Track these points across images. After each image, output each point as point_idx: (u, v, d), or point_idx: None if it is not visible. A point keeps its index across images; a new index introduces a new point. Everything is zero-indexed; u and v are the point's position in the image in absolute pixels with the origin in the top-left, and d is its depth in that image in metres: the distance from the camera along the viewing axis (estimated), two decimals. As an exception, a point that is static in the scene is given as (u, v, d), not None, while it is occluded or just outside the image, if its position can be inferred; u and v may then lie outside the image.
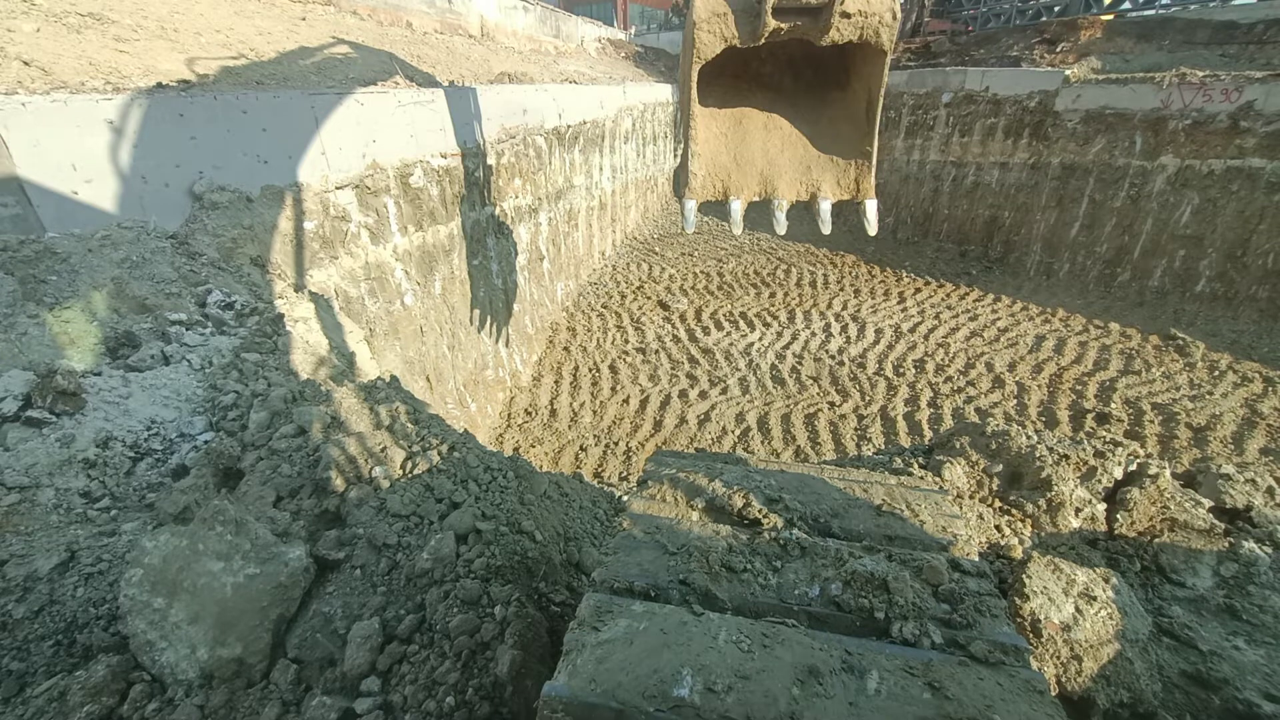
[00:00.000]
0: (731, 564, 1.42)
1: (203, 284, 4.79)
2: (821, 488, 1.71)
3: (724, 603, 1.33)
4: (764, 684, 1.13)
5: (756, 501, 1.59)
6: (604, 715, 1.09)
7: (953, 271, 15.90)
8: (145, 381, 3.74)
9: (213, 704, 2.18)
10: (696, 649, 1.20)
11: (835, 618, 1.31)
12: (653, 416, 10.64)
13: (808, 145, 3.92)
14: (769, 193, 3.95)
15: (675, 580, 1.37)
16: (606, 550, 1.47)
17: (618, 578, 1.39)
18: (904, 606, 1.31)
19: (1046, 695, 1.13)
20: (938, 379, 10.97)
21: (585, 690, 1.12)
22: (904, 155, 18.15)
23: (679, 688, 1.12)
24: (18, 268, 3.82)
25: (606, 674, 1.15)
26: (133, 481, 3.27)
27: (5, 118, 4.04)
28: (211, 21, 9.32)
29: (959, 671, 1.18)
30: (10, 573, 2.55)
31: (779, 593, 1.36)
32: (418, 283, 8.73)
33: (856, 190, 3.88)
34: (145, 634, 2.28)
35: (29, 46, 5.84)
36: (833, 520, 1.56)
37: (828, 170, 3.90)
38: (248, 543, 2.35)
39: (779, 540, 1.49)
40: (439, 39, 15.78)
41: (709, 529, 1.53)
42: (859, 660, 1.19)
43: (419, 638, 2.25)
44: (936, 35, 21.12)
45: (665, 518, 1.58)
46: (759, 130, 3.90)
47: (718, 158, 3.88)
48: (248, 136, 5.92)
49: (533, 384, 11.85)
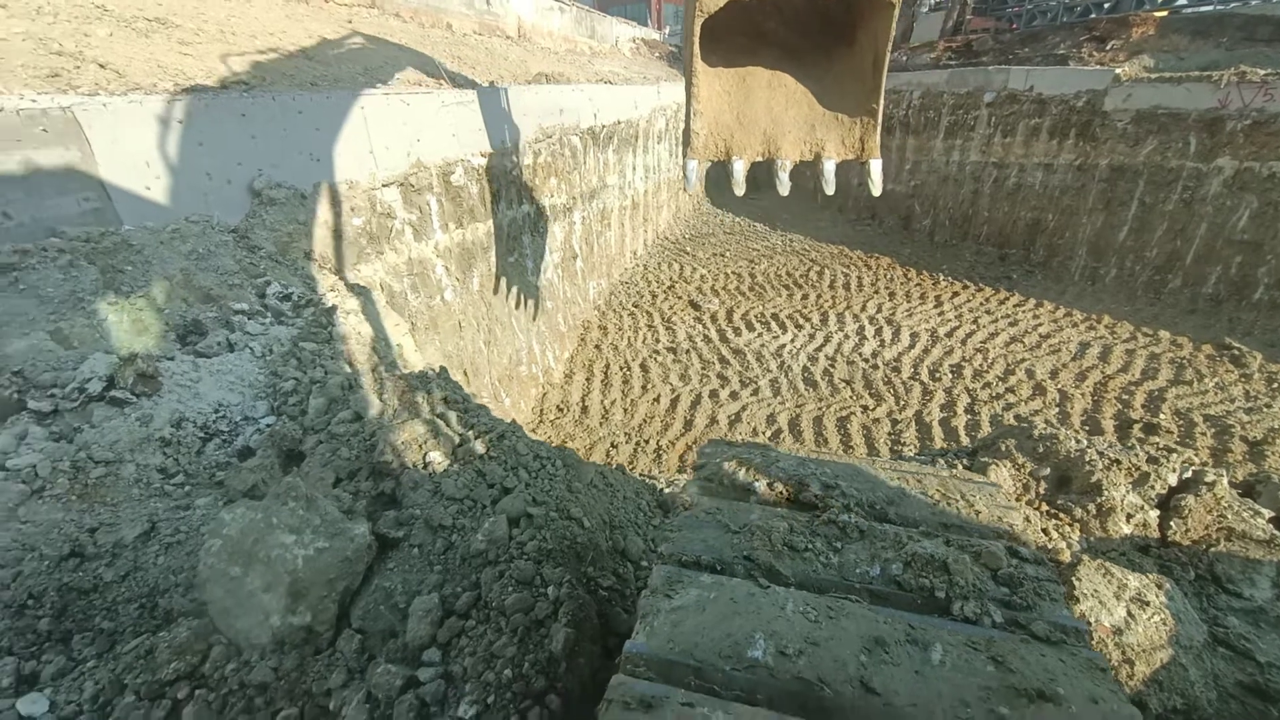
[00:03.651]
0: (793, 543, 1.47)
1: (262, 276, 5.02)
2: (875, 477, 1.75)
3: (787, 578, 1.38)
4: (833, 650, 1.18)
5: (814, 486, 1.64)
6: (682, 671, 1.15)
7: (992, 275, 15.53)
8: (212, 367, 3.95)
9: (285, 667, 2.32)
10: (766, 617, 1.26)
11: (896, 596, 1.35)
12: (683, 416, 10.67)
13: (813, 104, 3.81)
14: (772, 152, 3.86)
15: (740, 556, 1.43)
16: (671, 527, 1.53)
17: (684, 552, 1.45)
18: (964, 587, 1.34)
19: (1109, 674, 1.16)
20: (975, 385, 10.75)
21: (664, 649, 1.19)
22: (943, 156, 17.79)
23: (753, 650, 1.18)
24: (99, 258, 4.08)
25: (682, 635, 1.22)
26: (203, 460, 3.47)
27: (89, 118, 4.31)
28: (265, 25, 9.69)
29: (1021, 648, 1.21)
30: (101, 539, 2.74)
31: (840, 571, 1.40)
32: (457, 279, 8.94)
33: (861, 149, 3.78)
34: (223, 600, 2.43)
35: (104, 50, 6.18)
36: (888, 507, 1.60)
37: (832, 129, 3.81)
38: (318, 518, 2.49)
39: (838, 523, 1.53)
40: (478, 40, 16.08)
41: (768, 511, 1.58)
42: (922, 634, 1.23)
43: (475, 614, 2.35)
44: (979, 33, 20.64)
45: (724, 500, 1.64)
46: (763, 89, 3.80)
47: (721, 117, 3.78)
48: (303, 135, 6.17)
49: (565, 381, 12.00)
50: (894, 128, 19.09)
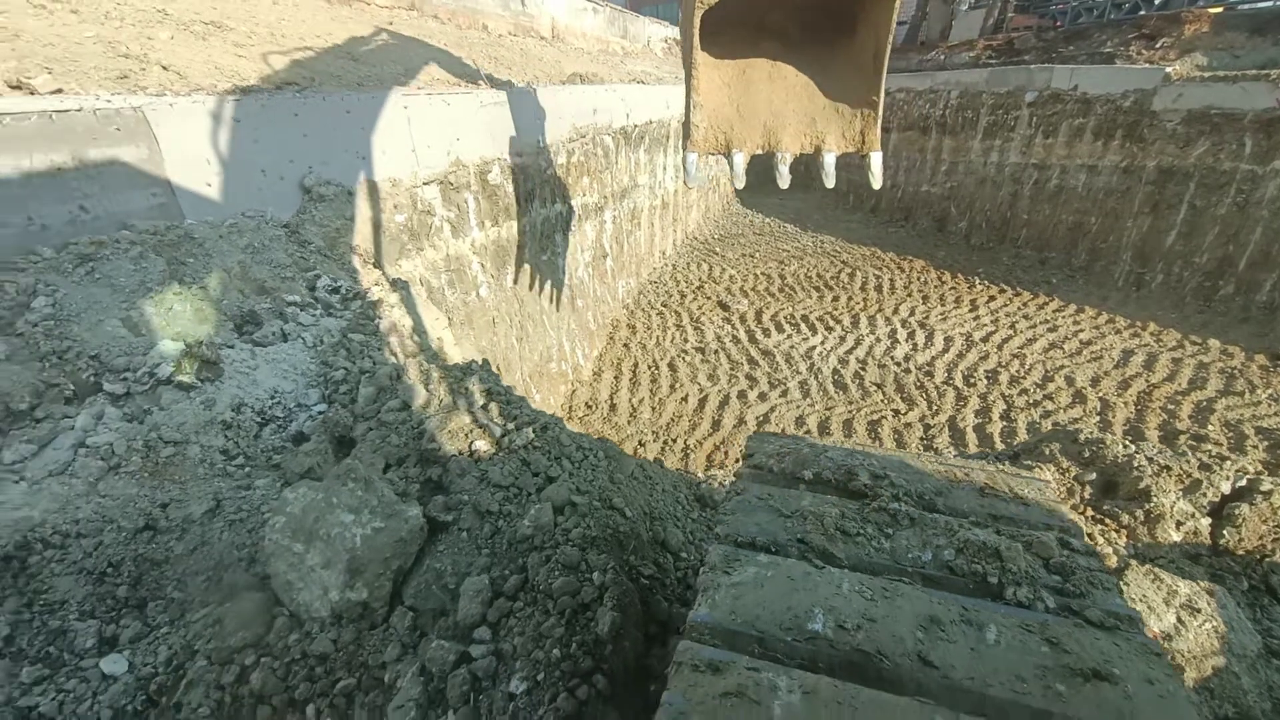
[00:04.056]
0: (845, 528, 1.51)
1: (312, 270, 5.21)
2: (922, 469, 1.77)
3: (841, 560, 1.42)
4: (889, 627, 1.22)
5: (863, 476, 1.67)
6: (745, 641, 1.21)
7: (1031, 280, 15.15)
8: (268, 355, 4.14)
9: (343, 640, 2.43)
10: (824, 594, 1.30)
11: (949, 580, 1.38)
12: (711, 416, 10.69)
13: (813, 96, 3.77)
14: (772, 145, 3.81)
15: (794, 539, 1.47)
16: (725, 510, 1.59)
17: (739, 533, 1.50)
18: (1017, 573, 1.36)
19: (1164, 659, 1.17)
20: (1011, 391, 10.52)
21: (727, 619, 1.25)
22: (981, 157, 17.41)
23: (813, 623, 1.23)
24: (165, 250, 4.30)
25: (744, 608, 1.27)
26: (260, 444, 3.63)
27: (158, 117, 4.54)
28: (312, 27, 10.01)
29: (1075, 631, 1.23)
30: (171, 514, 2.91)
31: (892, 555, 1.44)
32: (491, 275, 9.12)
33: (862, 143, 3.72)
34: (285, 574, 2.56)
35: (166, 53, 6.48)
36: (936, 498, 1.62)
37: (833, 122, 3.76)
38: (375, 499, 2.61)
39: (888, 510, 1.56)
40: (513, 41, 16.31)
41: (819, 498, 1.62)
42: (976, 615, 1.26)
43: (523, 596, 2.44)
44: (1021, 31, 20.13)
45: (775, 487, 1.68)
46: (763, 81, 3.76)
47: (721, 109, 3.76)
48: (350, 134, 6.38)
49: (593, 378, 12.11)
50: (930, 128, 18.77)
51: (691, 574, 2.82)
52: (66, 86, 4.65)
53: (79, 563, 2.68)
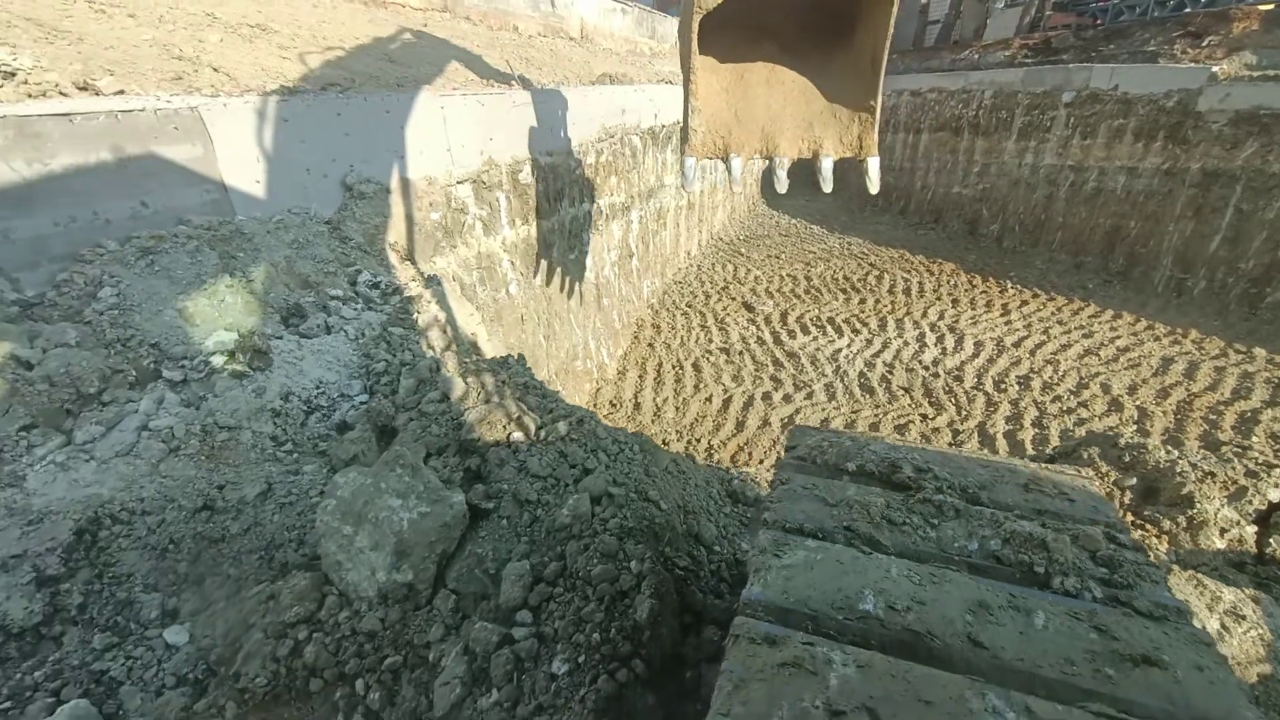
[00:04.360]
0: (891, 517, 1.54)
1: (353, 265, 5.38)
2: (966, 464, 1.79)
3: (888, 548, 1.45)
4: (939, 609, 1.26)
5: (906, 469, 1.70)
6: (799, 618, 1.25)
7: (1065, 284, 14.80)
8: (313, 347, 4.29)
9: (390, 619, 2.54)
10: (873, 577, 1.34)
11: (995, 569, 1.40)
12: (735, 416, 10.68)
13: (811, 101, 3.75)
14: (770, 150, 3.80)
15: (840, 526, 1.51)
16: (772, 498, 1.63)
17: (787, 520, 1.54)
18: (1064, 564, 1.38)
19: (1213, 648, 1.18)
20: (1044, 398, 10.31)
21: (780, 598, 1.29)
22: (1015, 158, 17.06)
23: (864, 603, 1.27)
24: (217, 245, 4.48)
25: (795, 588, 1.32)
26: (306, 431, 3.78)
27: (212, 117, 4.74)
28: (351, 29, 10.27)
29: (1124, 620, 1.25)
30: (228, 495, 3.05)
31: (939, 544, 1.46)
32: (521, 273, 9.26)
33: (859, 148, 3.69)
34: (335, 555, 2.67)
35: (216, 55, 6.73)
36: (980, 492, 1.64)
37: (830, 127, 3.74)
38: (421, 485, 2.71)
39: (933, 502, 1.59)
40: (543, 42, 16.49)
41: (863, 489, 1.65)
42: (1024, 602, 1.29)
43: (563, 582, 2.51)
44: (1059, 30, 19.66)
45: (819, 477, 1.71)
46: (762, 85, 3.75)
47: (719, 114, 3.75)
48: (390, 134, 6.55)
49: (618, 377, 12.20)
50: (962, 128, 18.46)
51: (725, 567, 2.86)
52: (127, 88, 4.88)
53: (143, 539, 2.83)
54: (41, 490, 2.76)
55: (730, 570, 2.86)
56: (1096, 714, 1.02)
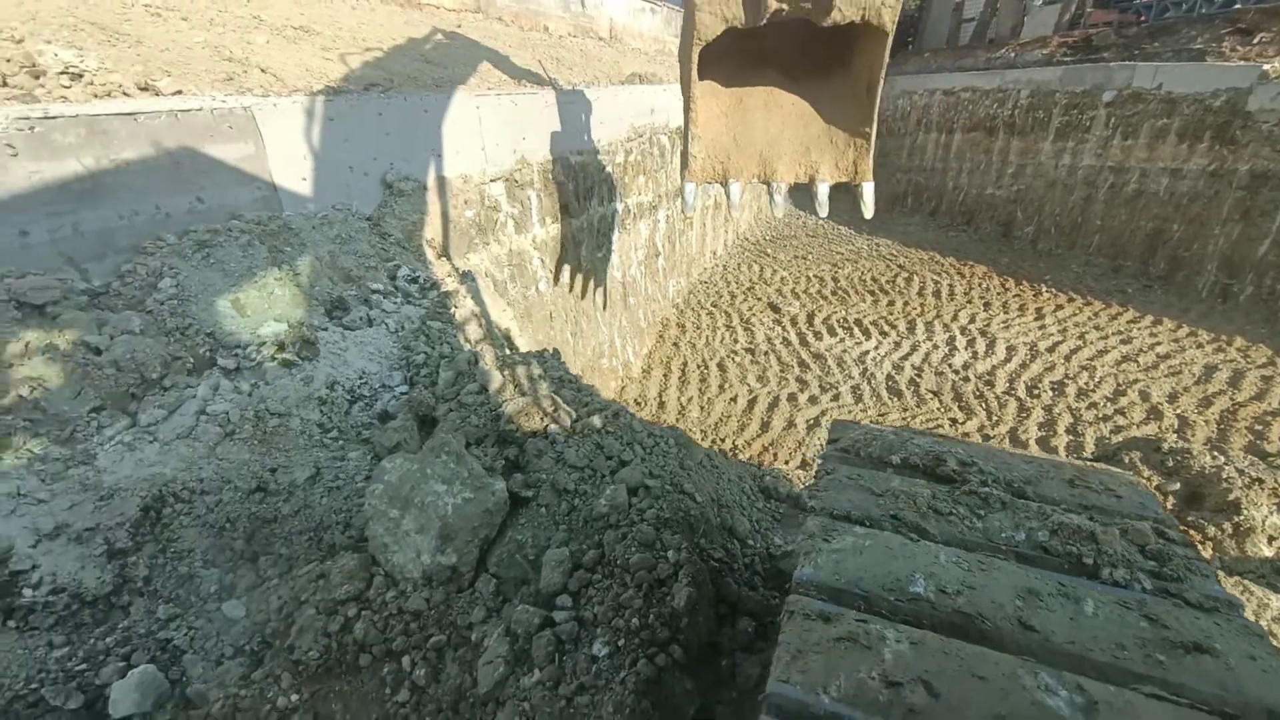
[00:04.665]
0: (937, 508, 1.56)
1: (392, 260, 5.53)
2: (1010, 459, 1.80)
3: (934, 536, 1.47)
4: (989, 594, 1.28)
5: (951, 462, 1.72)
6: (851, 598, 1.29)
7: (1103, 288, 14.41)
8: (356, 339, 4.44)
9: (434, 600, 2.63)
10: (922, 562, 1.37)
11: (1043, 559, 1.41)
12: (760, 417, 10.65)
13: (808, 125, 3.81)
14: (768, 175, 3.88)
15: (886, 515, 1.54)
16: (818, 488, 1.66)
17: (834, 507, 1.58)
18: (1113, 556, 1.38)
19: (1266, 639, 1.18)
20: (1079, 404, 10.08)
21: (831, 579, 1.33)
22: (1052, 159, 16.66)
23: (914, 586, 1.30)
24: (266, 239, 4.66)
25: (846, 570, 1.36)
26: (350, 419, 3.92)
27: (264, 116, 4.93)
28: (389, 31, 10.50)
29: (1174, 610, 1.26)
30: (280, 478, 3.19)
31: (985, 534, 1.48)
32: (550, 271, 9.38)
33: (855, 172, 3.77)
34: (382, 537, 2.78)
35: (264, 56, 6.96)
36: (1026, 486, 1.64)
37: (827, 152, 3.81)
38: (466, 471, 2.80)
39: (979, 494, 1.60)
40: (573, 42, 16.64)
41: (908, 480, 1.68)
42: (1073, 590, 1.30)
43: (601, 569, 2.57)
44: (1100, 27, 19.12)
45: (864, 469, 1.74)
46: (760, 109, 3.81)
47: (718, 139, 3.83)
48: (427, 133, 6.71)
49: (643, 376, 12.26)
50: (997, 128, 18.08)
51: (758, 561, 2.90)
52: (184, 88, 5.10)
53: (202, 517, 2.98)
54: (111, 468, 2.93)
55: (763, 564, 2.90)
56: (1148, 695, 1.04)
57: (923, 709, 1.04)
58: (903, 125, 20.91)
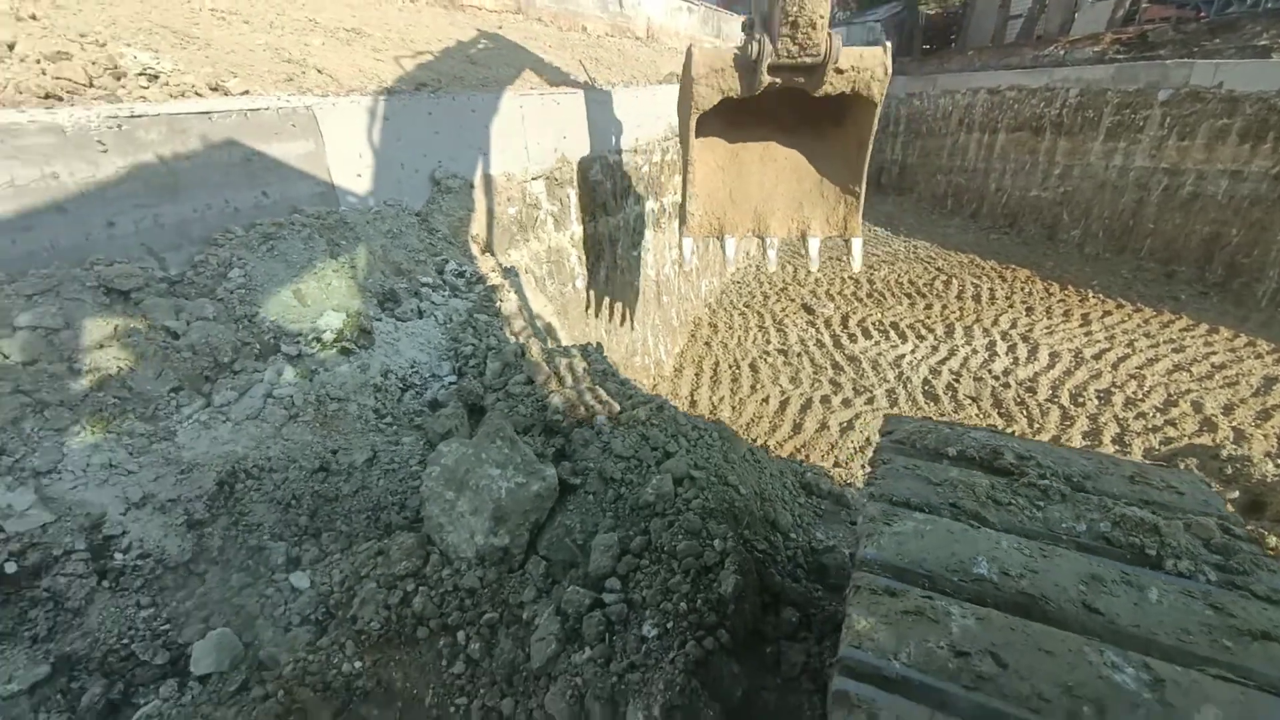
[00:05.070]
0: (996, 498, 1.59)
1: (440, 255, 5.71)
2: (1068, 454, 1.80)
3: (994, 525, 1.50)
4: (1052, 578, 1.31)
5: (1008, 456, 1.73)
6: (914, 577, 1.33)
7: (1154, 295, 13.88)
8: (407, 329, 4.61)
9: (488, 579, 2.75)
10: (984, 547, 1.40)
11: (1105, 549, 1.42)
12: (792, 419, 10.60)
13: (801, 178, 3.95)
14: (762, 230, 4.06)
15: (945, 503, 1.57)
16: (875, 477, 1.70)
17: (893, 493, 1.62)
18: (1176, 548, 1.39)
19: None
20: (1127, 414, 9.75)
21: (894, 558, 1.38)
22: (1101, 160, 16.11)
23: (977, 568, 1.33)
24: (325, 232, 4.87)
25: (909, 551, 1.40)
26: (402, 406, 4.08)
27: (324, 115, 5.15)
28: (434, 31, 10.77)
29: (1241, 601, 1.26)
30: (340, 460, 3.36)
31: (1046, 524, 1.50)
32: (588, 268, 9.51)
33: (844, 228, 3.96)
34: (437, 518, 2.91)
35: (320, 58, 7.24)
36: (1086, 481, 1.65)
37: (818, 207, 3.97)
38: (519, 457, 2.91)
39: (1038, 486, 1.62)
40: (610, 42, 16.78)
41: (965, 471, 1.70)
42: (1136, 578, 1.31)
43: (648, 555, 2.65)
44: (1156, 23, 18.40)
45: (920, 460, 1.77)
46: (756, 163, 3.96)
47: (715, 195, 3.99)
48: (474, 131, 6.89)
49: (674, 375, 12.30)
50: (1043, 128, 17.57)
51: (801, 554, 2.94)
52: (251, 88, 5.36)
53: (270, 493, 3.16)
54: (189, 444, 3.13)
55: (806, 558, 2.93)
56: (1215, 677, 1.05)
57: (991, 676, 1.08)
58: (944, 125, 20.47)
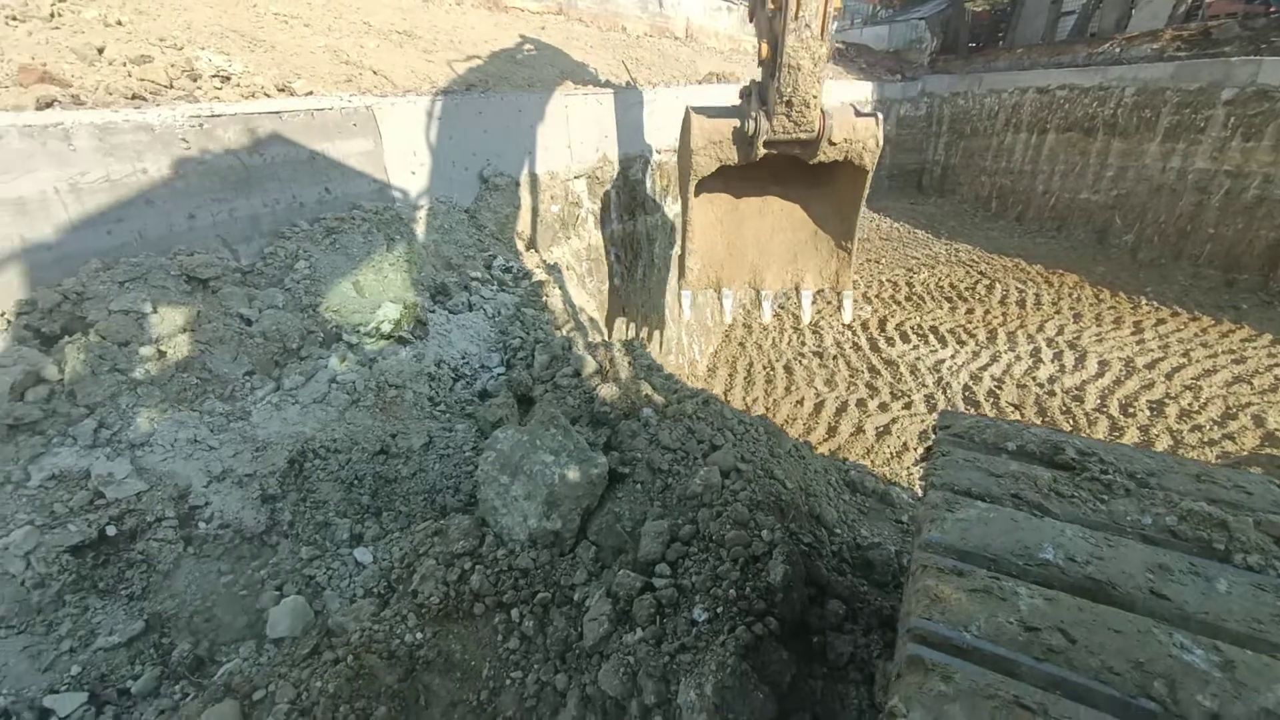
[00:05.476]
0: (1059, 490, 1.60)
1: (487, 250, 5.89)
2: (1131, 452, 1.80)
3: (1057, 516, 1.52)
4: (1119, 565, 1.32)
5: (1070, 451, 1.74)
6: (979, 560, 1.36)
7: (1212, 303, 13.27)
8: (459, 322, 4.78)
9: (540, 560, 2.86)
10: (1049, 534, 1.42)
11: (1171, 543, 1.42)
12: (827, 421, 10.50)
13: (797, 229, 4.12)
14: (757, 283, 4.26)
15: (1007, 493, 1.59)
16: (935, 467, 1.73)
17: (955, 483, 1.64)
18: (1245, 543, 1.38)
19: None
20: (1181, 426, 9.37)
21: (959, 541, 1.41)
22: (1158, 162, 15.46)
23: (1043, 553, 1.36)
24: (382, 228, 5.08)
25: (973, 536, 1.43)
26: (453, 395, 4.24)
27: (383, 115, 5.36)
28: (480, 33, 11.02)
29: None
30: (399, 443, 3.52)
31: (1110, 516, 1.51)
32: (626, 266, 9.62)
33: (836, 281, 4.16)
34: (492, 501, 3.03)
35: (375, 59, 7.51)
36: (1150, 478, 1.64)
37: (811, 260, 4.16)
38: (572, 444, 3.01)
39: (1100, 480, 1.63)
40: (650, 42, 16.88)
41: (1025, 466, 1.72)
42: (1205, 570, 1.32)
43: (696, 543, 2.72)
44: (1222, 19, 17.57)
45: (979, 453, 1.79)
46: (753, 215, 4.13)
47: (713, 249, 4.17)
48: (521, 131, 7.06)
49: (708, 374, 12.31)
50: (1096, 128, 16.96)
51: (846, 550, 2.96)
52: (314, 89, 5.62)
53: (335, 473, 3.34)
54: (263, 424, 3.33)
55: (851, 553, 2.96)
56: None
57: (1061, 649, 1.11)
58: (989, 125, 19.94)
